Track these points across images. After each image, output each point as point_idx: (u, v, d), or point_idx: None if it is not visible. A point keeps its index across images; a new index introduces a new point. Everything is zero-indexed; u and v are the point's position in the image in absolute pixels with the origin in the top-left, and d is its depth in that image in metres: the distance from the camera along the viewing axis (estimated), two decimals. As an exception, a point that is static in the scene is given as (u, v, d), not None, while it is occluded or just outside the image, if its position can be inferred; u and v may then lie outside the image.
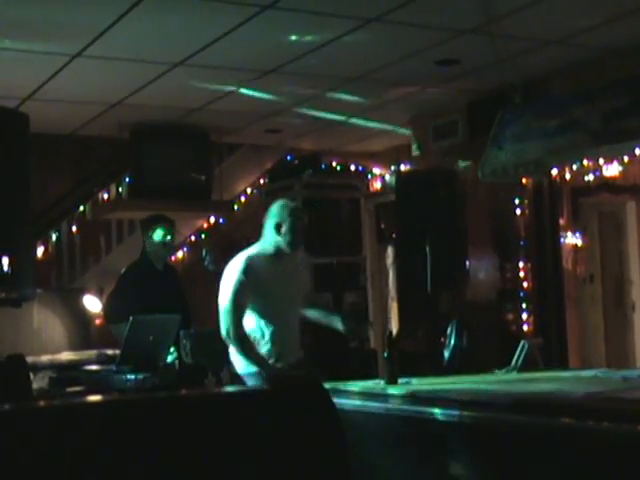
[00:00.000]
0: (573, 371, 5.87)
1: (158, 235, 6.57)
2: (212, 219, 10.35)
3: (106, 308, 6.94)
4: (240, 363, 5.35)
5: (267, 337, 5.34)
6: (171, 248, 6.79)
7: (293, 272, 5.52)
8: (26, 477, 2.57)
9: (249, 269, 5.30)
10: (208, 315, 7.19)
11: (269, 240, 5.43)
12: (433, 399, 4.04)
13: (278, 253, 5.43)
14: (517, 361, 5.11)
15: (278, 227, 5.37)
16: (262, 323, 5.35)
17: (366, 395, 4.40)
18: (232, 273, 5.32)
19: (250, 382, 5.19)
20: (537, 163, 7.34)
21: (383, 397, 4.32)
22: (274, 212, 5.44)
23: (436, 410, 3.92)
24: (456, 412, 3.81)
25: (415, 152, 9.45)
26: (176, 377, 5.39)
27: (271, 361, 5.31)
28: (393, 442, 4.18)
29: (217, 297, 5.52)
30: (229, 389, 3.73)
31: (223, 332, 5.27)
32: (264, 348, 5.35)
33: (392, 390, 4.41)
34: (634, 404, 3.60)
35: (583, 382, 4.58)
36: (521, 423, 3.55)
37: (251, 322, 5.36)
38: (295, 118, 9.18)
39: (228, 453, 2.78)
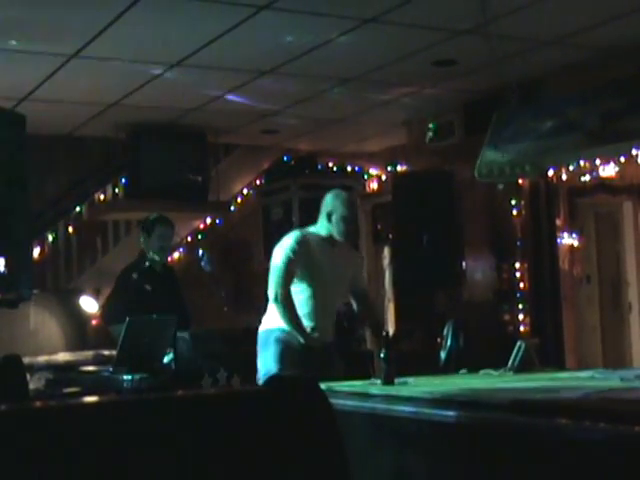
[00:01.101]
0: (570, 371, 5.88)
1: (159, 236, 6.55)
2: (208, 220, 10.35)
3: (104, 309, 6.93)
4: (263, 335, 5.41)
5: (304, 313, 5.38)
6: (167, 250, 6.78)
7: (343, 261, 5.57)
8: (22, 478, 2.57)
9: (303, 240, 5.41)
10: (204, 316, 7.21)
11: (322, 227, 5.52)
12: (430, 399, 4.04)
13: (331, 240, 5.50)
14: (514, 361, 5.10)
15: (329, 216, 5.46)
16: (302, 299, 5.40)
17: (363, 395, 4.39)
18: (286, 241, 5.43)
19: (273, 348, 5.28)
20: (533, 163, 7.34)
21: (380, 397, 4.32)
22: (326, 201, 5.54)
23: (432, 410, 3.92)
24: (453, 412, 3.81)
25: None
26: (173, 378, 5.39)
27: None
28: (390, 442, 4.17)
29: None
30: (226, 390, 3.73)
31: (271, 294, 5.37)
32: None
33: (388, 390, 4.41)
34: (631, 404, 3.60)
35: (580, 382, 4.58)
36: (518, 424, 3.55)
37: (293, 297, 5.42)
38: (292, 119, 9.18)
39: (225, 454, 2.78)
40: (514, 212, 8.32)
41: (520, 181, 8.22)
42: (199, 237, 10.30)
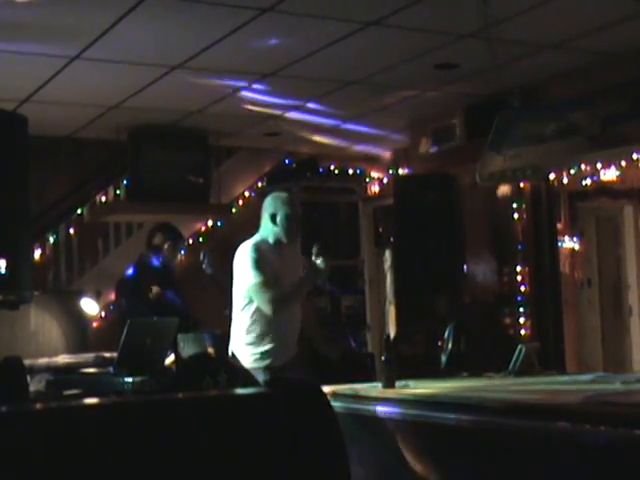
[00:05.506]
0: (570, 375, 5.88)
1: (176, 253, 6.65)
2: (210, 222, 10.35)
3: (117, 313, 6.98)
4: (247, 356, 5.30)
5: (268, 331, 5.27)
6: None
7: (293, 264, 5.51)
8: (23, 479, 2.57)
9: (259, 250, 5.30)
10: (205, 318, 7.21)
11: (267, 232, 5.44)
12: (430, 402, 4.04)
13: (277, 244, 5.43)
14: (514, 365, 5.11)
15: (273, 217, 5.38)
16: (265, 317, 5.26)
17: (364, 398, 4.40)
18: (244, 255, 5.31)
19: (258, 376, 5.12)
20: (535, 167, 7.35)
21: (380, 400, 4.32)
22: (268, 204, 5.46)
23: (433, 414, 3.92)
24: (453, 416, 3.81)
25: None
26: (174, 380, 5.38)
27: (268, 361, 5.26)
28: (390, 445, 4.17)
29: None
30: (227, 392, 3.73)
31: (267, 307, 5.20)
32: (263, 347, 5.29)
33: (389, 393, 4.41)
34: (631, 408, 3.60)
35: (580, 386, 4.58)
36: (518, 427, 3.55)
37: (251, 316, 5.30)
38: (294, 121, 9.18)
39: (226, 455, 2.78)
40: (515, 216, 8.32)
41: (521, 185, 8.22)
42: (200, 239, 10.29)
